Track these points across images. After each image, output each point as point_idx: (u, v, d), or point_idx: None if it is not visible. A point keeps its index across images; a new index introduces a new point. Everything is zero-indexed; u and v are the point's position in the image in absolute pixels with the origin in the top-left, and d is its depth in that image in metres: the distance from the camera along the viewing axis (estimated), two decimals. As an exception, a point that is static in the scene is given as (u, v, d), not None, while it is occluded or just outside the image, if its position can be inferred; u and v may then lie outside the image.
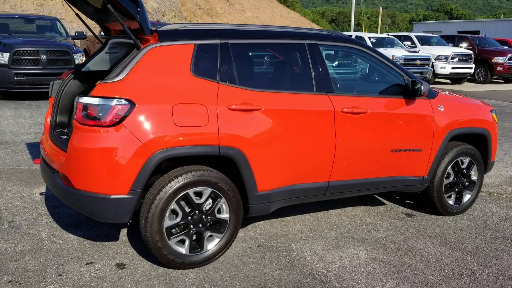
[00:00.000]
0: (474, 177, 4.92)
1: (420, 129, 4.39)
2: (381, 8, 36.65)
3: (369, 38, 17.25)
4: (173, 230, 3.50)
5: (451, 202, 4.81)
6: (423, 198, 4.85)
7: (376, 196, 5.40)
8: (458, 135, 4.71)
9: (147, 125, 3.23)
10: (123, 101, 3.19)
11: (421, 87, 4.19)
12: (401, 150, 4.33)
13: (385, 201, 5.26)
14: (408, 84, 4.30)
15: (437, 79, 18.88)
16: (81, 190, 3.26)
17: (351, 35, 17.58)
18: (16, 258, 3.66)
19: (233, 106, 3.50)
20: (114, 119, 3.17)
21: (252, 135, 3.57)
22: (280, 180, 3.80)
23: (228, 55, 3.60)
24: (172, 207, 3.40)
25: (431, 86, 4.97)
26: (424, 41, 19.13)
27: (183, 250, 3.50)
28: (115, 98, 3.19)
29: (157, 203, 3.32)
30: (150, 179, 3.52)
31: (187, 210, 3.49)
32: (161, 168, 3.56)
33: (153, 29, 3.52)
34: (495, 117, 5.00)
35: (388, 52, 16.34)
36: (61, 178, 3.41)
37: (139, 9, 3.33)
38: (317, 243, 4.12)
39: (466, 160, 4.79)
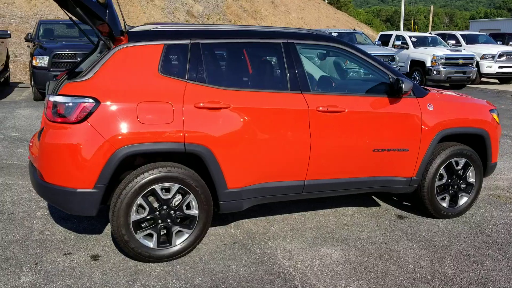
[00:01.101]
0: (471, 179, 4.74)
1: (406, 128, 4.29)
2: (432, 6, 35.56)
3: (410, 37, 16.81)
4: (143, 224, 3.62)
5: (444, 204, 4.66)
6: (415, 200, 4.73)
7: (373, 197, 5.31)
8: (451, 135, 4.56)
9: (111, 122, 3.36)
10: (88, 99, 3.34)
11: (402, 86, 4.09)
12: (385, 150, 4.25)
13: (380, 202, 5.16)
14: (393, 83, 4.22)
15: (483, 79, 18.11)
16: (51, 183, 3.45)
17: (390, 35, 17.22)
18: (3, 246, 3.90)
19: (200, 104, 3.58)
20: (79, 117, 3.33)
21: (220, 132, 3.63)
22: (252, 178, 3.84)
23: (198, 55, 3.68)
24: (139, 202, 3.51)
25: (475, 86, 4.81)
26: (471, 40, 18.41)
27: (150, 244, 3.61)
28: (80, 96, 3.35)
29: (123, 198, 3.45)
30: (123, 174, 3.67)
31: (156, 205, 3.59)
32: (134, 164, 3.69)
33: (125, 30, 3.66)
34: (495, 117, 4.79)
35: (429, 51, 15.88)
36: (37, 172, 3.61)
37: (107, 11, 3.48)
38: (295, 242, 4.12)
39: (461, 161, 4.63)
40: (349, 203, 5.08)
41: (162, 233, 3.67)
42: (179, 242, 3.69)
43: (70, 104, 3.34)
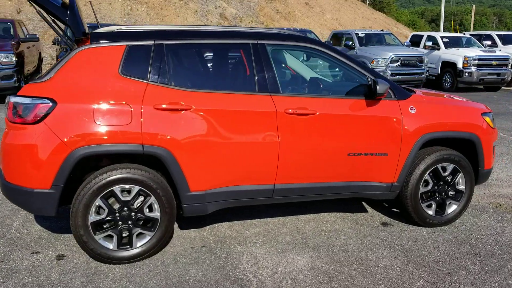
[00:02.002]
0: (461, 187, 4.49)
1: (384, 132, 4.11)
2: (474, 6, 34.30)
3: (441, 37, 16.27)
4: (105, 226, 3.62)
5: (430, 212, 4.44)
6: (399, 207, 4.53)
7: (362, 202, 5.13)
8: (437, 139, 4.34)
9: (67, 123, 3.38)
10: (45, 100, 3.38)
11: (376, 87, 3.93)
12: (361, 154, 4.09)
13: (368, 208, 4.98)
14: (371, 85, 4.06)
15: (521, 81, 17.28)
16: (11, 183, 3.50)
17: (422, 35, 16.74)
18: (-23, 244, 4.00)
19: (160, 105, 3.55)
20: (36, 117, 3.37)
21: (182, 134, 3.59)
22: (217, 181, 3.77)
23: (161, 56, 3.66)
24: (98, 203, 3.51)
25: (510, 88, 4.60)
26: (508, 40, 17.62)
27: (110, 245, 3.61)
28: (38, 97, 3.38)
29: (81, 199, 3.46)
30: (87, 175, 3.69)
31: (116, 206, 3.58)
32: (100, 165, 3.71)
33: (89, 31, 3.68)
34: (488, 121, 4.53)
35: (461, 52, 15.32)
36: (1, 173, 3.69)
37: (68, 12, 3.50)
38: (265, 247, 4.02)
39: (449, 167, 4.39)
40: (334, 208, 4.93)
41: (124, 235, 3.65)
42: (140, 245, 3.67)
43: (28, 104, 3.39)
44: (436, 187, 4.42)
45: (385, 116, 4.11)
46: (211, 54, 4.06)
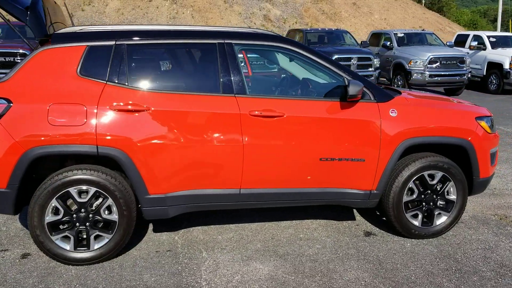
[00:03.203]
0: (451, 196, 4.15)
1: (360, 136, 3.86)
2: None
3: (488, 37, 15.40)
4: (62, 226, 3.61)
5: (416, 223, 4.13)
6: (383, 216, 4.26)
7: (354, 210, 4.87)
8: (422, 145, 4.04)
9: (22, 124, 3.40)
10: (0, 100, 3.40)
11: (348, 89, 3.69)
12: (334, 159, 3.86)
13: (357, 216, 4.72)
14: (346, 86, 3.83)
15: None
16: None
17: (468, 35, 15.94)
18: (-45, 240, 4.11)
19: (116, 106, 3.50)
20: None
21: (139, 136, 3.53)
22: (178, 184, 3.68)
23: (121, 56, 3.61)
24: (53, 204, 3.51)
25: None
26: None
27: (67, 246, 3.59)
28: None
29: (36, 199, 3.47)
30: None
31: (74, 208, 3.57)
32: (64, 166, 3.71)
33: (52, 32, 3.69)
34: (484, 125, 4.16)
35: (508, 52, 14.43)
36: None
37: (29, 13, 3.52)
38: (232, 253, 3.88)
39: (438, 175, 4.07)
40: (321, 215, 4.70)
41: (83, 236, 3.63)
42: (97, 247, 3.64)
43: None
44: (422, 196, 4.11)
45: (361, 119, 3.86)
46: (175, 54, 3.96)
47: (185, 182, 3.69)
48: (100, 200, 3.60)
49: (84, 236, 3.64)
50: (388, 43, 14.82)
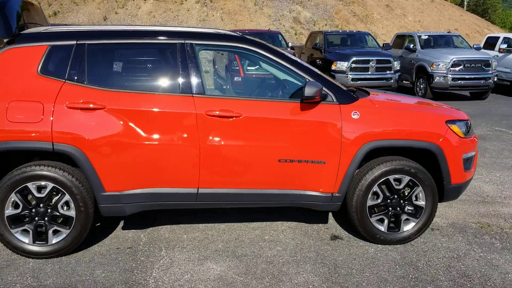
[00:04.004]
0: (420, 202, 4.03)
1: (320, 138, 3.81)
2: None
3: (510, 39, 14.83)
4: (23, 220, 3.72)
5: (382, 228, 4.03)
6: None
7: (330, 213, 4.79)
8: (386, 148, 3.94)
9: None
10: None
11: (303, 90, 3.65)
12: (294, 161, 3.82)
13: (330, 219, 4.64)
14: None
15: None
16: None
17: (498, 37, 15.40)
18: None
19: (73, 104, 3.58)
20: None
21: (94, 134, 3.59)
22: (134, 182, 3.73)
23: (81, 55, 3.69)
24: (13, 199, 3.62)
25: None
26: None
27: (26, 240, 3.70)
28: None
29: (-5, 193, 3.59)
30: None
31: (33, 202, 3.67)
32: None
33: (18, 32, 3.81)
34: (456, 129, 4.01)
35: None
36: None
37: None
38: (190, 253, 3.90)
39: (405, 180, 3.96)
40: (293, 217, 4.65)
41: (42, 230, 3.72)
42: (55, 241, 3.73)
43: None
44: (388, 200, 4.00)
45: (322, 121, 3.80)
46: (136, 54, 4.01)
47: (141, 180, 3.73)
48: (58, 195, 3.69)
49: (43, 230, 3.74)
50: (412, 45, 14.48)
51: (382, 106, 4.00)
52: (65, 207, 3.71)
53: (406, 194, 4.01)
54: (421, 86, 13.78)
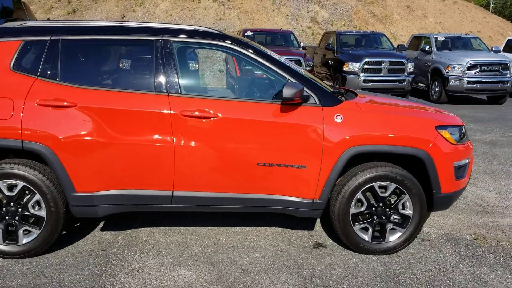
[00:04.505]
0: (407, 211, 3.82)
1: (301, 142, 3.64)
2: None
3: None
4: (-4, 219, 3.65)
5: (366, 237, 3.83)
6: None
7: (318, 220, 4.60)
8: (369, 153, 3.75)
9: None
10: None
11: (282, 91, 3.48)
12: (273, 165, 3.66)
13: (317, 226, 4.45)
14: None
15: None
16: None
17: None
18: None
19: (43, 101, 3.49)
20: None
21: (64, 132, 3.50)
22: (107, 183, 3.62)
23: (55, 51, 3.60)
24: (-20, 198, 3.55)
25: None
26: None
27: (-4, 240, 3.62)
28: None
29: (-38, 192, 3.52)
30: None
31: (4, 201, 3.59)
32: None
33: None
34: (447, 135, 3.79)
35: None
36: None
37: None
38: (164, 257, 3.77)
39: (391, 187, 3.76)
40: (278, 223, 4.48)
41: (17, 230, 3.64)
42: (26, 241, 3.64)
43: None
44: (373, 208, 3.80)
45: (303, 124, 3.63)
46: (111, 50, 3.90)
47: (114, 182, 3.62)
48: (29, 195, 3.60)
49: (14, 230, 3.65)
50: (427, 47, 14.12)
51: (368, 109, 3.81)
52: (36, 207, 3.62)
53: (392, 202, 3.81)
54: (436, 89, 13.42)
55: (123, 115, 3.54)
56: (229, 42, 3.75)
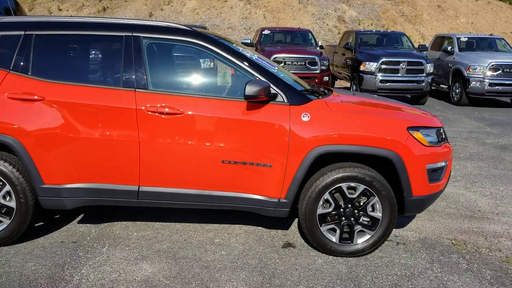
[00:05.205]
0: (376, 214, 3.74)
1: (267, 140, 3.61)
2: None
3: None
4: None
5: (333, 238, 3.77)
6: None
7: (296, 219, 4.56)
8: (337, 154, 3.69)
9: None
10: None
11: (244, 89, 3.46)
12: (238, 163, 3.64)
13: (293, 226, 4.41)
14: None
15: None
16: None
17: None
18: None
19: (13, 94, 3.57)
20: None
21: (32, 125, 3.58)
22: (74, 176, 3.68)
23: (28, 46, 3.68)
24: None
25: None
26: None
27: (-36, 229, 3.73)
28: None
29: None
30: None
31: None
32: None
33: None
34: (419, 137, 3.69)
35: None
36: None
37: None
38: (131, 251, 3.81)
39: (359, 188, 3.69)
40: (254, 221, 4.46)
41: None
42: (-4, 232, 3.74)
43: None
44: (341, 210, 3.74)
45: (268, 122, 3.60)
46: (82, 45, 3.94)
47: (81, 175, 3.68)
48: (0, 185, 3.69)
49: (-13, 220, 3.76)
50: (450, 47, 13.76)
51: (337, 108, 3.74)
52: (7, 197, 3.72)
53: (361, 204, 3.73)
54: (457, 91, 13.07)
55: (91, 110, 3.59)
56: (197, 38, 3.75)
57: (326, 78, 12.51)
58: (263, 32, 13.97)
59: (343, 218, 3.74)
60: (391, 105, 4.19)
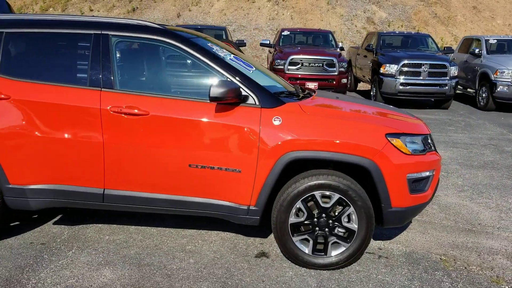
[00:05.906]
0: (352, 225, 3.50)
1: (236, 144, 3.43)
2: None
3: None
4: None
5: (306, 249, 3.55)
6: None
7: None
8: (309, 160, 3.47)
9: None
10: None
11: (209, 90, 3.29)
12: (205, 167, 3.47)
13: (272, 236, 4.20)
14: None
15: None
16: None
17: None
18: None
19: (-22, 94, 3.52)
20: None
21: (-3, 124, 3.51)
22: (38, 177, 3.60)
23: None
24: None
25: None
26: None
27: None
28: None
29: None
30: None
31: None
32: None
33: None
34: (399, 144, 3.43)
35: None
36: None
37: None
38: (96, 256, 3.70)
39: (334, 197, 3.46)
40: (233, 228, 4.27)
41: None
42: (-37, 230, 3.69)
43: None
44: (315, 219, 3.52)
45: (238, 125, 3.42)
46: (51, 43, 3.83)
47: (46, 176, 3.59)
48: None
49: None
50: (477, 50, 13.20)
51: (312, 112, 3.52)
52: (-23, 199, 3.66)
53: (336, 214, 3.50)
54: (483, 95, 12.51)
55: (56, 109, 3.50)
56: (167, 37, 3.60)
57: (344, 80, 12.17)
58: (283, 33, 13.76)
59: (317, 228, 3.52)
60: (375, 110, 3.93)
